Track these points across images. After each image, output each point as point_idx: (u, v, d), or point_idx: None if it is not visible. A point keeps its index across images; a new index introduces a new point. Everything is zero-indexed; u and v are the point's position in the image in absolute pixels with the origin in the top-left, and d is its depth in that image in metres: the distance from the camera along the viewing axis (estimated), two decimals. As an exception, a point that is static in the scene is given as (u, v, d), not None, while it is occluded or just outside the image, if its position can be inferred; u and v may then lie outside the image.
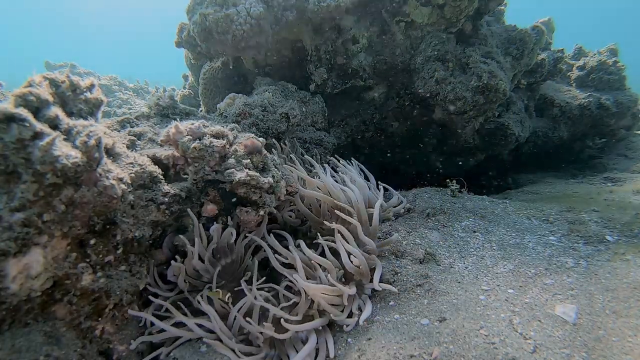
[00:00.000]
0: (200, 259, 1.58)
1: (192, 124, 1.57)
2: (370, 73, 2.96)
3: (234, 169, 1.54)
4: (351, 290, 1.47)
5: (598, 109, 3.87)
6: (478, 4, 2.78)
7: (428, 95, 2.81)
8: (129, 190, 1.29)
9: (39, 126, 1.03)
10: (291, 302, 1.50)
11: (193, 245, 1.55)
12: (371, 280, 1.54)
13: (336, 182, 1.97)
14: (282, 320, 1.35)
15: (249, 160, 1.58)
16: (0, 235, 0.99)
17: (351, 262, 1.55)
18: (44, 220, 1.06)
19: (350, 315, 1.47)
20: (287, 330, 1.35)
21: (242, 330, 1.45)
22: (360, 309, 1.49)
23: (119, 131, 1.76)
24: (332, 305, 1.46)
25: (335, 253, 1.60)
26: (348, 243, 1.59)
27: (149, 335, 1.45)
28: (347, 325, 1.43)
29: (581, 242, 1.92)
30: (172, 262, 1.53)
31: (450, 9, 2.69)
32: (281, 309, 1.43)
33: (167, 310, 1.51)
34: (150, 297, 1.48)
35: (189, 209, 1.55)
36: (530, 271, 1.68)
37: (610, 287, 1.52)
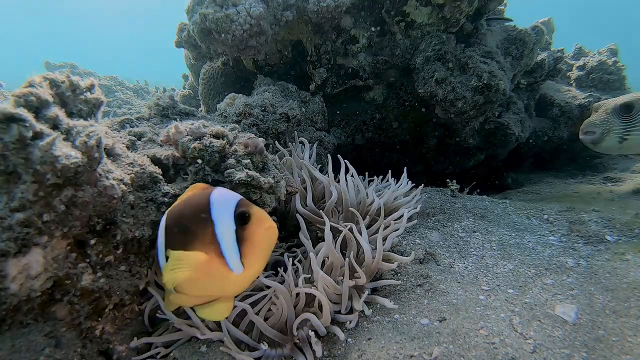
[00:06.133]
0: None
1: (192, 124, 1.57)
2: (370, 73, 2.96)
3: (233, 169, 1.53)
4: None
5: (598, 109, 3.87)
6: (478, 4, 2.78)
7: (428, 95, 2.81)
8: (129, 190, 1.29)
9: (39, 126, 1.03)
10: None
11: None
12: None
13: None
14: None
15: (249, 160, 1.58)
16: (0, 235, 0.99)
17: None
18: (44, 220, 1.06)
19: (350, 312, 1.48)
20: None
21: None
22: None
23: (119, 131, 1.76)
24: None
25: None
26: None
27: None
28: (350, 322, 1.43)
29: (581, 242, 1.92)
30: None
31: (450, 9, 2.69)
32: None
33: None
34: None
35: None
36: (530, 271, 1.68)
37: (610, 287, 1.53)
